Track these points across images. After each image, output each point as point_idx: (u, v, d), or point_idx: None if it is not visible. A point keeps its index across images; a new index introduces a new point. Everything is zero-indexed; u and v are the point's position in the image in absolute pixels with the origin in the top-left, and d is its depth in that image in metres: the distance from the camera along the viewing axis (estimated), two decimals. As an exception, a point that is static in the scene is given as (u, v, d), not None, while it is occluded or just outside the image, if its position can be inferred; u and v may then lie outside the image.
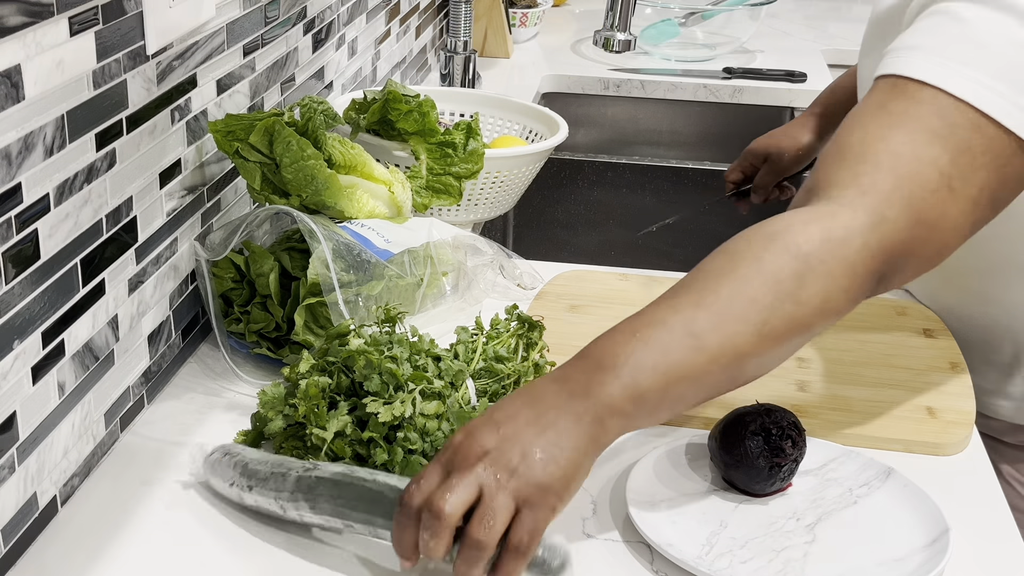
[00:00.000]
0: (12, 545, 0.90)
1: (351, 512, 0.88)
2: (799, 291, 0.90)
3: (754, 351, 0.89)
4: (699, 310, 0.89)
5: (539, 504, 0.82)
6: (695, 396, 0.91)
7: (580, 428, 0.85)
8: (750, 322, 0.89)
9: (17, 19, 0.82)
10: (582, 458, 0.84)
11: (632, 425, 0.88)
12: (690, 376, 0.88)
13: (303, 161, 1.17)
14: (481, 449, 0.83)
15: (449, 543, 0.82)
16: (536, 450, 0.83)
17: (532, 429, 0.84)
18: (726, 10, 2.41)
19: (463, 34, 1.98)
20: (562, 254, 2.13)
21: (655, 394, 0.87)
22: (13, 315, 0.86)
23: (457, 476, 0.82)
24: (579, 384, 0.87)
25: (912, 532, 0.94)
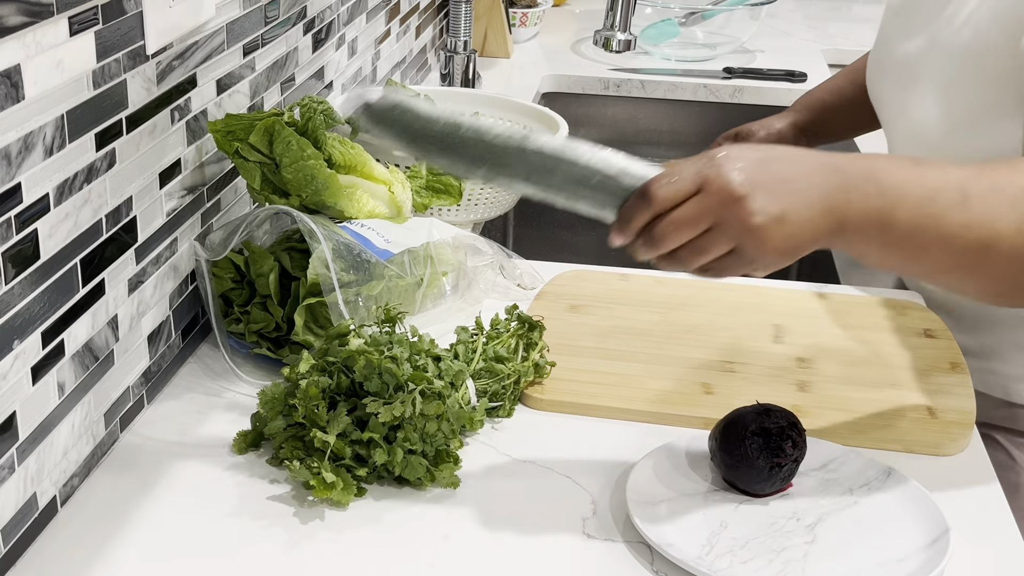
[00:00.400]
0: (12, 545, 0.90)
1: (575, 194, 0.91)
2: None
3: (1008, 240, 0.89)
4: (978, 179, 0.90)
5: (748, 262, 0.88)
6: (931, 257, 0.91)
7: (826, 222, 0.87)
8: (1017, 210, 0.89)
9: (17, 19, 0.82)
10: (805, 248, 0.88)
11: (862, 247, 0.90)
12: (943, 229, 0.89)
13: (303, 161, 1.17)
14: (733, 195, 0.85)
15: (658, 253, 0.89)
16: (780, 223, 0.86)
17: (787, 201, 0.86)
18: (726, 10, 2.41)
19: (463, 34, 1.98)
20: (562, 254, 2.13)
21: (903, 229, 0.89)
22: (13, 315, 0.86)
23: (699, 208, 0.86)
24: (848, 182, 0.88)
25: (912, 532, 0.94)
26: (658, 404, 1.12)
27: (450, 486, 1.00)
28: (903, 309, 1.32)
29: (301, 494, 0.99)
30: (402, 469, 0.98)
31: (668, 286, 1.36)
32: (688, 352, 1.21)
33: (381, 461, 0.97)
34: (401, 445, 0.97)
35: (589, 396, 1.13)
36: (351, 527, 0.95)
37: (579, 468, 1.04)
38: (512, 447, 1.06)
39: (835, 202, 0.88)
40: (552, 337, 1.21)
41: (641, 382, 1.15)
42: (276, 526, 0.95)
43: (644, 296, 1.33)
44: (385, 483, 1.01)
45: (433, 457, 1.00)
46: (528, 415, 1.12)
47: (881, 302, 1.34)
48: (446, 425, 1.01)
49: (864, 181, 0.89)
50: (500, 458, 1.05)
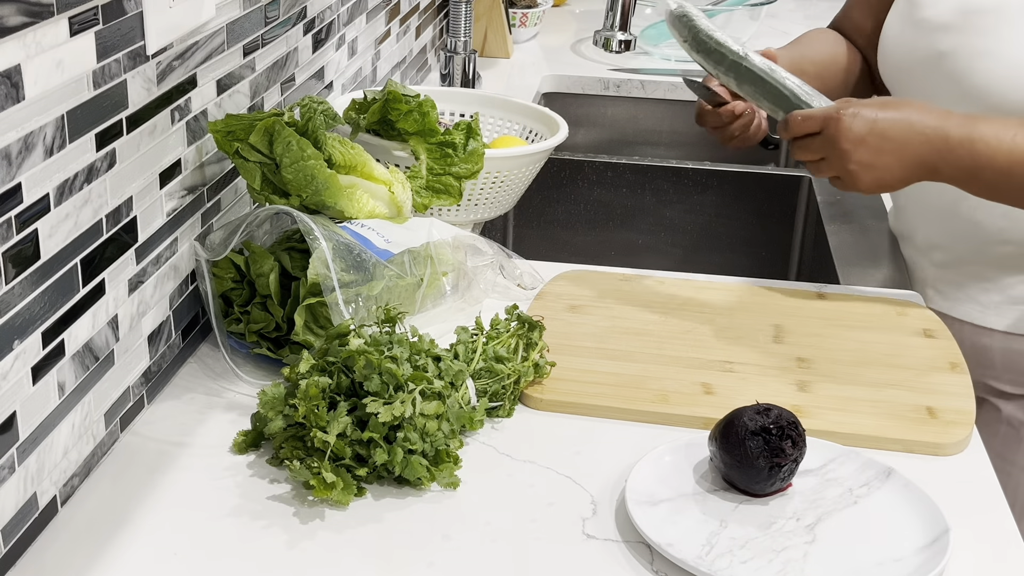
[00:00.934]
0: (12, 545, 0.90)
1: (761, 99, 1.30)
2: None
3: None
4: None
5: (848, 187, 1.21)
6: (1009, 199, 1.19)
7: (917, 175, 1.19)
8: None
9: (17, 19, 0.82)
10: (894, 188, 1.23)
11: (949, 183, 1.21)
12: (1020, 186, 1.17)
13: (303, 161, 1.17)
14: (839, 147, 1.18)
15: None
16: (871, 171, 1.18)
17: (883, 158, 1.18)
18: (726, 10, 2.41)
19: (463, 34, 1.98)
20: (562, 254, 2.13)
21: (986, 185, 1.18)
22: (13, 315, 0.86)
23: (815, 145, 1.21)
24: (948, 147, 1.16)
25: (912, 532, 0.94)
26: (658, 404, 1.12)
27: (450, 486, 1.00)
28: (903, 309, 1.32)
29: (301, 494, 0.99)
30: (402, 469, 0.98)
31: (668, 286, 1.36)
32: (688, 352, 1.21)
33: (381, 461, 0.97)
34: (401, 445, 0.97)
35: (589, 396, 1.13)
36: (351, 527, 0.95)
37: (579, 468, 1.04)
38: (512, 447, 1.06)
39: (929, 161, 1.17)
40: (552, 337, 1.21)
41: (641, 382, 1.15)
42: (276, 526, 0.95)
43: (644, 296, 1.33)
44: (385, 483, 1.01)
45: (433, 457, 1.00)
46: (528, 415, 1.12)
47: (881, 302, 1.34)
48: (446, 425, 1.01)
49: (960, 146, 1.16)
50: (500, 458, 1.05)
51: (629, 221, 2.10)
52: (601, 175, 2.09)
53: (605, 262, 1.47)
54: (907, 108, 1.18)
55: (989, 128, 1.17)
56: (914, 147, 1.17)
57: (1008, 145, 1.15)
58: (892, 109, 1.18)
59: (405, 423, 0.98)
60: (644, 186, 2.08)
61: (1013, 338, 1.39)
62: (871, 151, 1.17)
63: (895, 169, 1.18)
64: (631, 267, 1.42)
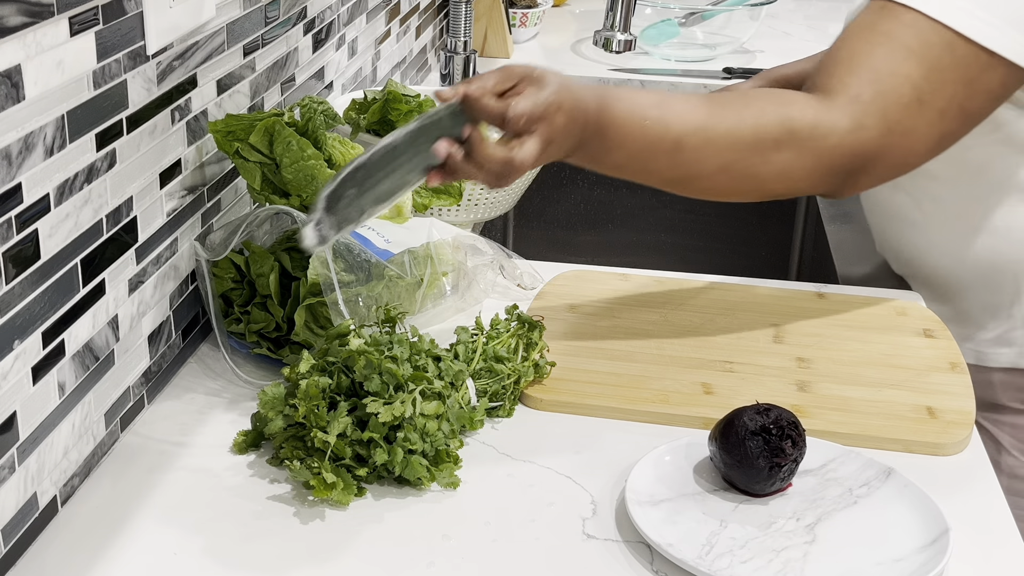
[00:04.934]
0: (12, 545, 0.90)
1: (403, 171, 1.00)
2: (771, 153, 1.09)
3: (707, 179, 1.10)
4: (698, 131, 1.08)
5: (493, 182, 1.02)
6: (639, 179, 1.13)
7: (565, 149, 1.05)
8: (721, 157, 1.09)
9: (17, 19, 0.82)
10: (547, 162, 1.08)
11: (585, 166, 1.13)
12: (648, 168, 1.10)
13: (303, 161, 1.17)
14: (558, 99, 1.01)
15: None
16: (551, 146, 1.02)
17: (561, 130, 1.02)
18: (726, 10, 2.41)
19: (463, 34, 1.98)
20: (562, 254, 2.13)
21: (612, 165, 1.11)
22: (13, 315, 0.86)
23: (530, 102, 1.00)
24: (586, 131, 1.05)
25: (912, 532, 0.94)
26: (658, 404, 1.12)
27: (450, 486, 1.00)
28: (903, 309, 1.32)
29: (301, 494, 0.99)
30: (402, 469, 0.98)
31: (668, 286, 1.36)
32: (688, 352, 1.21)
33: (381, 461, 0.97)
34: (401, 445, 0.97)
35: (589, 396, 1.13)
36: (351, 527, 0.95)
37: (579, 468, 1.04)
38: (512, 447, 1.06)
39: (574, 144, 1.05)
40: (552, 337, 1.21)
41: (641, 382, 1.15)
42: (276, 526, 0.95)
43: (644, 296, 1.33)
44: (385, 483, 1.01)
45: (433, 457, 1.00)
46: (528, 415, 1.12)
47: (881, 302, 1.34)
48: (446, 425, 1.01)
49: (595, 135, 1.06)
50: (500, 458, 1.05)
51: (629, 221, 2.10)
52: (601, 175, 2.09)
53: (605, 262, 1.47)
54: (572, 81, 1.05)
55: (621, 111, 1.06)
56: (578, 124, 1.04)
57: (638, 131, 1.07)
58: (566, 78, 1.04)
59: (405, 423, 0.98)
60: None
61: None
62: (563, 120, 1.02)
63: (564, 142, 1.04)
64: (631, 267, 1.42)
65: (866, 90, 1.10)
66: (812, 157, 1.10)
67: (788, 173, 1.10)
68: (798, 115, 1.09)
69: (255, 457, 1.04)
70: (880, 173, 1.14)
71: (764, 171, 1.10)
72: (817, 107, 1.10)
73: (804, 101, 1.11)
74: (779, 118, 1.09)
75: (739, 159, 1.09)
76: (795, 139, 1.09)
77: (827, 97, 1.11)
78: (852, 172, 1.12)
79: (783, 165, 1.09)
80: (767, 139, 1.08)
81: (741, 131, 1.08)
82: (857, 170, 1.12)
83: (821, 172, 1.11)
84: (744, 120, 1.09)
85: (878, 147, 1.11)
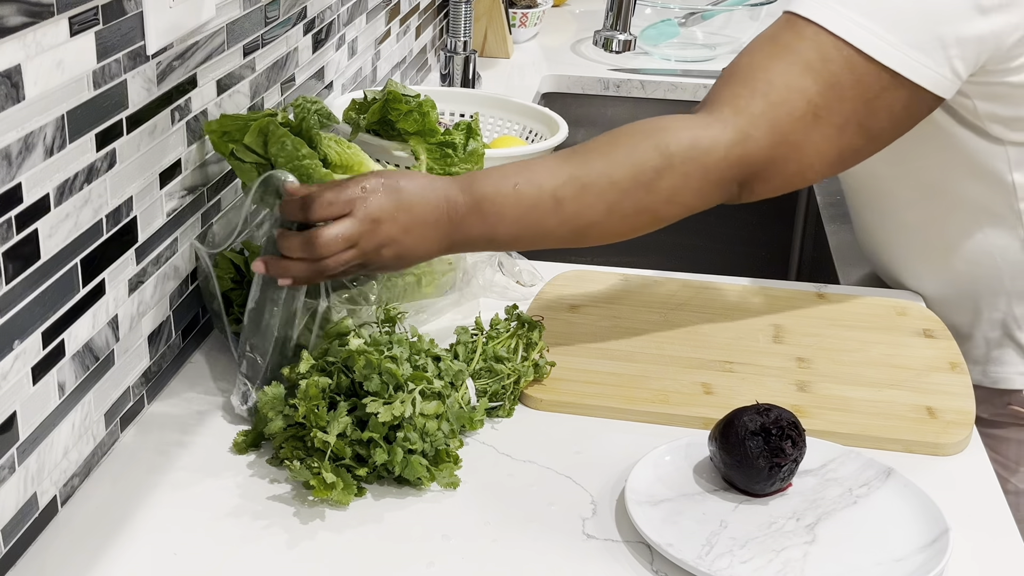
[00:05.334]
0: (12, 545, 0.90)
1: None
2: (654, 182, 1.08)
3: (601, 224, 1.09)
4: (570, 180, 1.07)
5: (370, 271, 1.06)
6: (539, 246, 1.11)
7: (439, 248, 1.06)
8: (605, 200, 1.07)
9: (17, 19, 0.82)
10: (417, 262, 1.08)
11: (475, 251, 1.17)
12: (541, 231, 1.08)
13: (298, 161, 1.17)
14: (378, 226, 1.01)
15: None
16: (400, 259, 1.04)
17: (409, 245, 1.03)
18: (726, 10, 2.41)
19: (463, 34, 1.98)
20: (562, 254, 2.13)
21: (506, 240, 1.09)
22: (13, 315, 0.86)
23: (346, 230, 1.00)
24: (456, 215, 1.04)
25: (912, 532, 0.94)
26: (658, 404, 1.12)
27: (450, 486, 1.00)
28: (903, 309, 1.32)
29: (301, 494, 0.99)
30: (402, 469, 0.98)
31: (668, 286, 1.36)
32: (688, 352, 1.21)
33: (381, 461, 0.97)
34: (401, 445, 0.97)
35: (589, 396, 1.13)
36: (351, 527, 0.95)
37: (579, 468, 1.04)
38: (512, 447, 1.06)
39: (450, 240, 1.05)
40: (552, 337, 1.21)
41: (641, 382, 1.15)
42: (276, 526, 0.95)
43: (644, 296, 1.33)
44: (385, 483, 1.01)
45: (433, 457, 1.00)
46: (528, 415, 1.12)
47: (881, 302, 1.34)
48: (446, 425, 1.01)
49: (470, 214, 1.05)
50: (500, 458, 1.05)
51: (629, 221, 2.09)
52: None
53: (605, 262, 1.47)
54: (418, 180, 1.05)
55: (489, 184, 1.07)
56: (431, 222, 1.04)
57: (512, 197, 1.06)
58: (408, 181, 1.04)
59: (405, 423, 0.98)
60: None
61: None
62: (400, 228, 1.02)
63: (420, 244, 1.04)
64: (631, 267, 1.42)
65: (757, 102, 1.10)
66: (698, 176, 1.09)
67: (677, 197, 1.10)
68: (673, 139, 1.08)
69: (255, 457, 1.04)
70: (776, 183, 1.13)
71: (652, 201, 1.09)
72: (694, 126, 1.10)
73: (679, 123, 1.10)
74: (653, 146, 1.08)
75: (623, 197, 1.08)
76: (674, 162, 1.08)
77: (709, 113, 1.11)
78: (744, 181, 1.12)
79: (670, 190, 1.09)
80: (645, 170, 1.08)
81: (615, 169, 1.08)
82: (750, 179, 1.11)
83: (710, 187, 1.11)
84: (615, 159, 1.08)
85: (768, 157, 1.10)
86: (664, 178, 1.08)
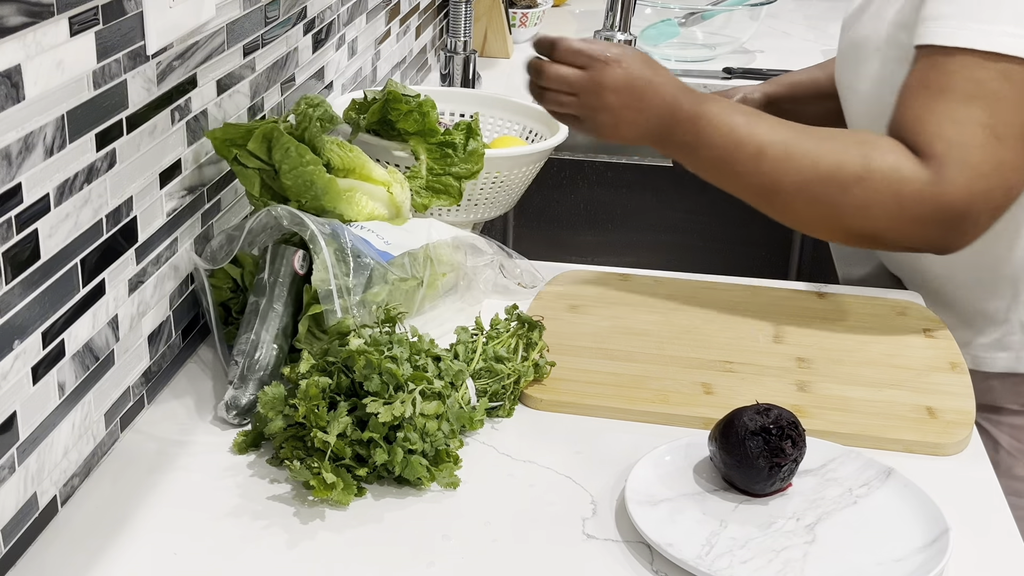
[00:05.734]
0: (12, 545, 0.90)
1: None
2: (850, 187, 1.14)
3: (787, 197, 1.17)
4: (780, 143, 1.16)
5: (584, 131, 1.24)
6: (726, 184, 1.21)
7: (648, 141, 1.22)
8: (802, 176, 1.15)
9: (17, 19, 0.82)
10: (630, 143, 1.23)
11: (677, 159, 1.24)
12: (734, 172, 1.18)
13: (302, 167, 1.17)
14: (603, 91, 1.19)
15: None
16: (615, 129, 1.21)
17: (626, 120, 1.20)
18: (726, 10, 2.41)
19: (463, 34, 1.98)
20: (562, 254, 2.13)
21: (703, 163, 1.20)
22: (13, 315, 0.86)
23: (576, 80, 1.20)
24: (675, 117, 1.19)
25: (912, 532, 0.94)
26: (658, 404, 1.12)
27: (450, 486, 1.00)
28: (903, 309, 1.32)
29: (301, 494, 0.99)
30: (402, 469, 0.98)
31: (668, 286, 1.36)
32: (688, 352, 1.21)
33: (381, 461, 0.97)
34: (401, 445, 0.97)
35: (589, 396, 1.13)
36: (351, 527, 0.95)
37: (579, 468, 1.04)
38: (512, 447, 1.06)
39: (659, 128, 1.20)
40: (552, 337, 1.21)
41: (641, 382, 1.15)
42: (276, 526, 0.95)
43: (644, 296, 1.33)
44: (385, 483, 1.01)
45: (433, 457, 1.00)
46: (528, 415, 1.12)
47: (881, 302, 1.34)
48: (446, 425, 1.01)
49: (687, 121, 1.19)
50: (500, 458, 1.05)
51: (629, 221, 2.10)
52: (601, 175, 2.09)
53: (605, 262, 1.47)
54: (661, 74, 1.20)
55: (714, 108, 1.19)
56: (652, 111, 1.19)
57: (727, 128, 1.17)
58: (649, 70, 1.19)
59: (405, 423, 0.98)
60: (644, 186, 2.08)
61: None
62: (621, 102, 1.19)
63: (632, 125, 1.20)
64: (631, 267, 1.42)
65: (938, 146, 1.12)
66: (892, 199, 1.12)
67: (867, 211, 1.14)
68: (879, 156, 1.13)
69: (255, 457, 1.04)
70: (986, 218, 1.14)
71: (842, 201, 1.14)
72: (899, 153, 1.13)
73: (890, 145, 1.14)
74: (861, 155, 1.14)
75: (817, 183, 1.15)
76: (873, 177, 1.13)
77: (910, 149, 1.14)
78: (951, 225, 1.13)
79: (861, 200, 1.13)
80: (847, 170, 1.14)
81: (821, 155, 1.15)
82: (957, 221, 1.13)
83: (907, 219, 1.13)
84: (824, 147, 1.15)
85: (969, 196, 1.11)
86: (859, 186, 1.13)
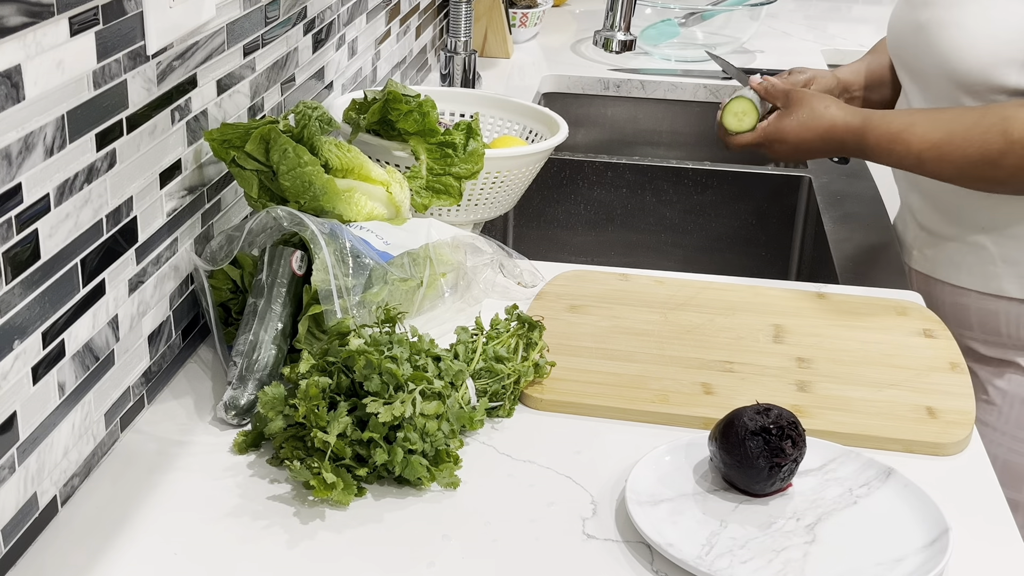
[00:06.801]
0: (12, 545, 0.90)
1: None
2: (999, 160, 1.33)
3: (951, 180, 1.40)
4: (933, 148, 1.37)
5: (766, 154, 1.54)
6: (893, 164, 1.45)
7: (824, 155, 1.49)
8: (958, 167, 1.37)
9: (17, 19, 0.82)
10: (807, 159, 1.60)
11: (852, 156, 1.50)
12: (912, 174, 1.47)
13: (300, 168, 1.17)
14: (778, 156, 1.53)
15: None
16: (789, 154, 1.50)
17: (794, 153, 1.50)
18: (726, 10, 2.41)
19: (463, 34, 1.98)
20: (562, 254, 2.13)
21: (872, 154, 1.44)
22: (13, 315, 0.86)
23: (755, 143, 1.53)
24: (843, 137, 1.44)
25: (912, 532, 0.94)
26: (658, 404, 1.12)
27: (450, 486, 1.00)
28: (903, 309, 1.32)
29: (301, 494, 0.99)
30: (402, 469, 0.98)
31: (668, 286, 1.36)
32: (688, 352, 1.21)
33: (381, 461, 0.97)
34: (401, 445, 0.97)
35: (589, 396, 1.13)
36: (351, 527, 0.95)
37: (579, 468, 1.04)
38: (512, 447, 1.06)
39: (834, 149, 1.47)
40: (552, 337, 1.21)
41: (641, 382, 1.15)
42: (276, 526, 0.95)
43: (644, 296, 1.33)
44: (385, 483, 1.01)
45: (433, 457, 1.00)
46: (528, 415, 1.12)
47: (881, 302, 1.34)
48: (446, 425, 1.01)
49: (855, 139, 1.43)
50: (500, 458, 1.05)
51: (629, 221, 2.10)
52: (601, 175, 2.09)
53: (605, 262, 1.47)
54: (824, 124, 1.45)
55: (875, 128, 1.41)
56: (822, 148, 1.47)
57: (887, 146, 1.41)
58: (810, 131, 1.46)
59: (405, 423, 0.98)
60: (644, 186, 2.08)
61: (987, 298, 1.48)
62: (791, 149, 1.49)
63: (809, 156, 1.50)
64: (631, 267, 1.42)
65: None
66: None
67: (1020, 174, 1.33)
68: (1016, 126, 1.31)
69: (255, 457, 1.04)
70: None
71: (997, 174, 1.34)
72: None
73: (1022, 113, 1.31)
74: (1000, 132, 1.32)
75: (972, 168, 1.35)
76: (1016, 147, 1.31)
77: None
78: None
79: (1012, 168, 1.33)
80: (991, 151, 1.33)
81: (968, 146, 1.34)
82: None
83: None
84: (972, 134, 1.34)
85: None
86: (1007, 157, 1.32)
